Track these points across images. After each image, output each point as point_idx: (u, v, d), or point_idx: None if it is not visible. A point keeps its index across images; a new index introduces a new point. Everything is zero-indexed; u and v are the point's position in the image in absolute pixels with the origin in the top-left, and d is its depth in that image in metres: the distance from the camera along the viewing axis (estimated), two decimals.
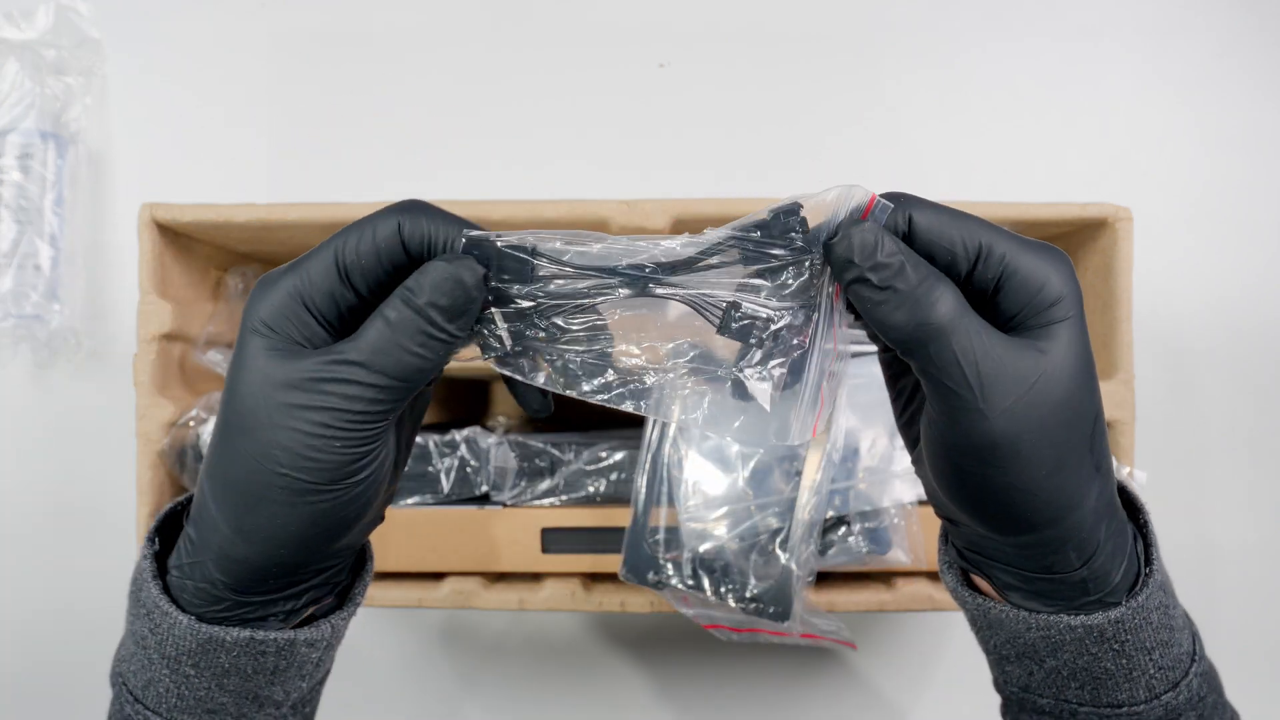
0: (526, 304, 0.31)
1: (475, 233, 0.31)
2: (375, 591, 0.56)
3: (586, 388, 0.32)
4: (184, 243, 0.60)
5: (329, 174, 0.74)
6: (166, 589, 0.32)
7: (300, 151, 0.74)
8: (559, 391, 0.32)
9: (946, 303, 0.29)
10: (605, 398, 0.32)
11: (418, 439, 0.58)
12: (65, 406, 0.73)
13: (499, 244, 0.31)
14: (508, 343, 0.32)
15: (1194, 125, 0.72)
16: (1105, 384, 0.55)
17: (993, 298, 0.30)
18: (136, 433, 0.56)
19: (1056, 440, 0.29)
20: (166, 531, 0.35)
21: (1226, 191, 0.72)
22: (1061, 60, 0.73)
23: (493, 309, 0.31)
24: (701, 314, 0.31)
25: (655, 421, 0.56)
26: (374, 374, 0.29)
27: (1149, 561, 0.34)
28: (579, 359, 0.32)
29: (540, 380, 0.32)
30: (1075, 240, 0.59)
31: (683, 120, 0.73)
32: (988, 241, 0.30)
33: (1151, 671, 0.33)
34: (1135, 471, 0.55)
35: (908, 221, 0.30)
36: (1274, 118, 0.72)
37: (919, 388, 0.33)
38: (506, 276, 0.31)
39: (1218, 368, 0.71)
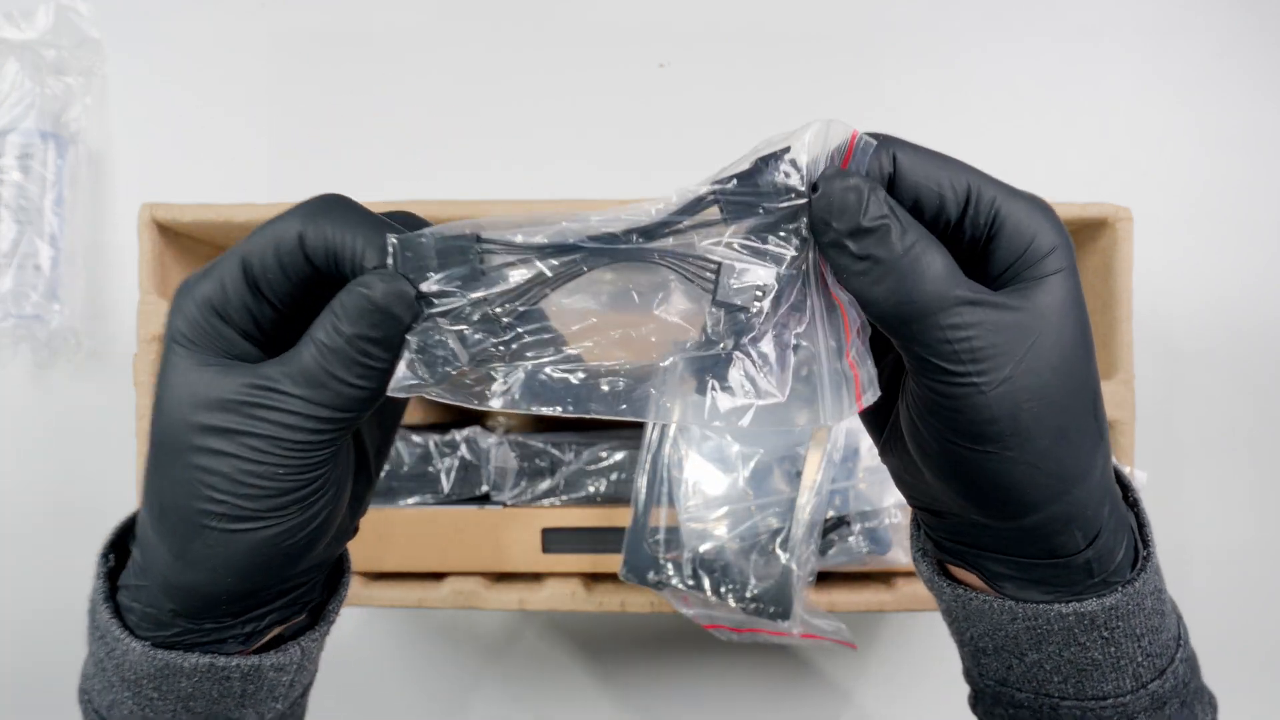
0: (474, 296, 0.26)
1: (401, 236, 0.26)
2: (375, 591, 0.56)
3: (559, 408, 0.27)
4: (184, 243, 0.60)
5: (329, 174, 0.74)
6: (119, 611, 0.30)
7: (300, 151, 0.74)
8: (524, 411, 0.27)
9: (935, 272, 0.26)
10: (593, 408, 0.27)
11: (417, 439, 0.58)
12: (65, 406, 0.73)
13: (431, 239, 0.26)
14: (462, 356, 0.27)
15: (1194, 125, 0.72)
16: (1105, 384, 0.55)
17: (984, 248, 0.28)
18: (136, 433, 0.56)
19: (1059, 405, 0.27)
20: (122, 546, 0.33)
21: (1226, 191, 0.72)
22: (1061, 60, 0.73)
23: (436, 319, 0.27)
24: (690, 280, 0.27)
25: (656, 422, 0.56)
26: (313, 405, 0.26)
27: (1145, 543, 0.32)
28: (547, 371, 0.27)
29: (496, 404, 0.27)
30: (1075, 240, 0.59)
31: (683, 120, 0.73)
32: (976, 185, 0.27)
33: (1139, 660, 0.31)
34: (1135, 471, 0.55)
35: (892, 162, 0.27)
36: (1274, 118, 0.72)
37: (896, 366, 0.31)
38: (451, 275, 0.26)
39: (1218, 367, 0.71)
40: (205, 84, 0.74)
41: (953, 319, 0.26)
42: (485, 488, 0.58)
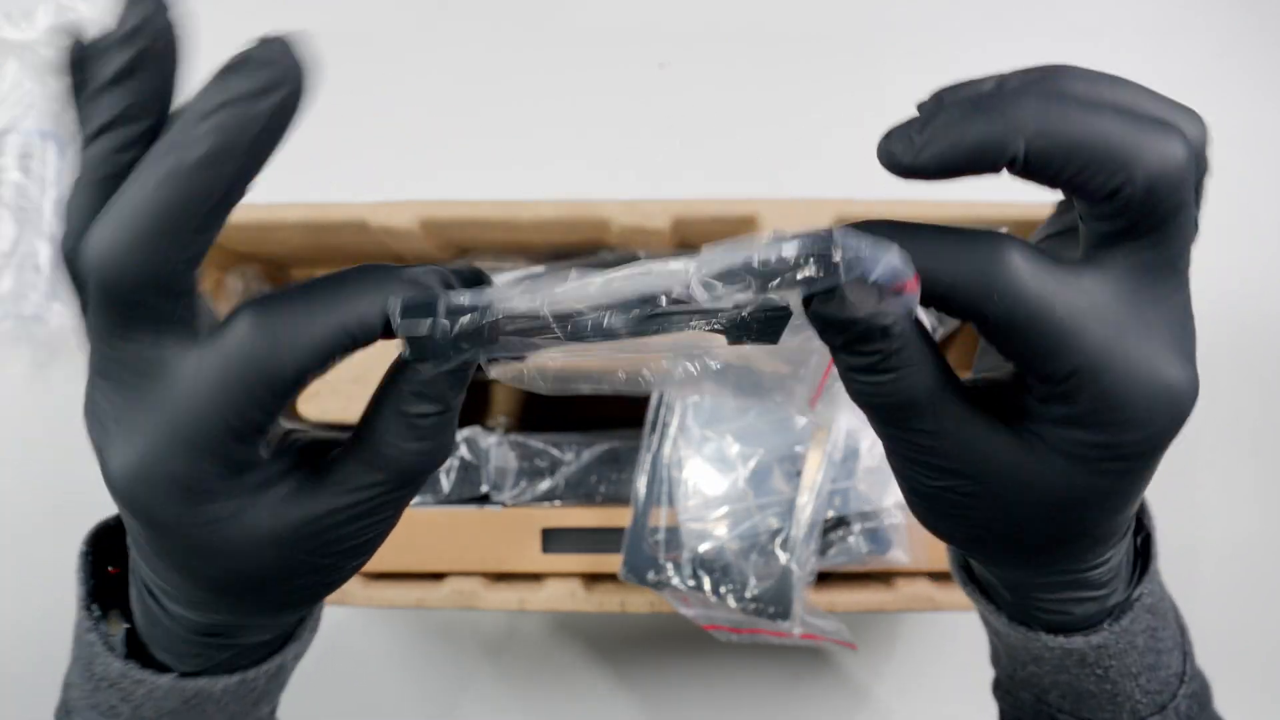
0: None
1: (408, 304, 0.23)
2: (375, 591, 0.56)
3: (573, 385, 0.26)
4: None
5: (329, 174, 0.74)
6: (132, 652, 0.29)
7: (300, 151, 0.73)
8: (542, 390, 0.27)
9: (910, 392, 0.23)
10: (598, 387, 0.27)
11: None
12: (65, 406, 0.72)
13: (445, 322, 0.23)
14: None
15: None
16: None
17: (1040, 403, 0.23)
18: None
19: (1045, 518, 0.25)
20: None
21: (1226, 191, 0.72)
22: (1061, 60, 0.73)
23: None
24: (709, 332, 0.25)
25: (656, 422, 0.56)
26: (396, 487, 0.25)
27: (1140, 581, 0.30)
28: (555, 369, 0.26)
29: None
30: None
31: (683, 120, 0.73)
32: (1089, 366, 0.22)
33: (1137, 696, 0.31)
34: None
35: (989, 300, 0.22)
36: (1274, 118, 0.72)
37: None
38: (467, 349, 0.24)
39: (1218, 367, 0.71)
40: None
41: (912, 436, 0.24)
42: (485, 488, 0.58)
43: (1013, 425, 0.24)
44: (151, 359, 0.23)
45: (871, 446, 0.56)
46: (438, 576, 0.58)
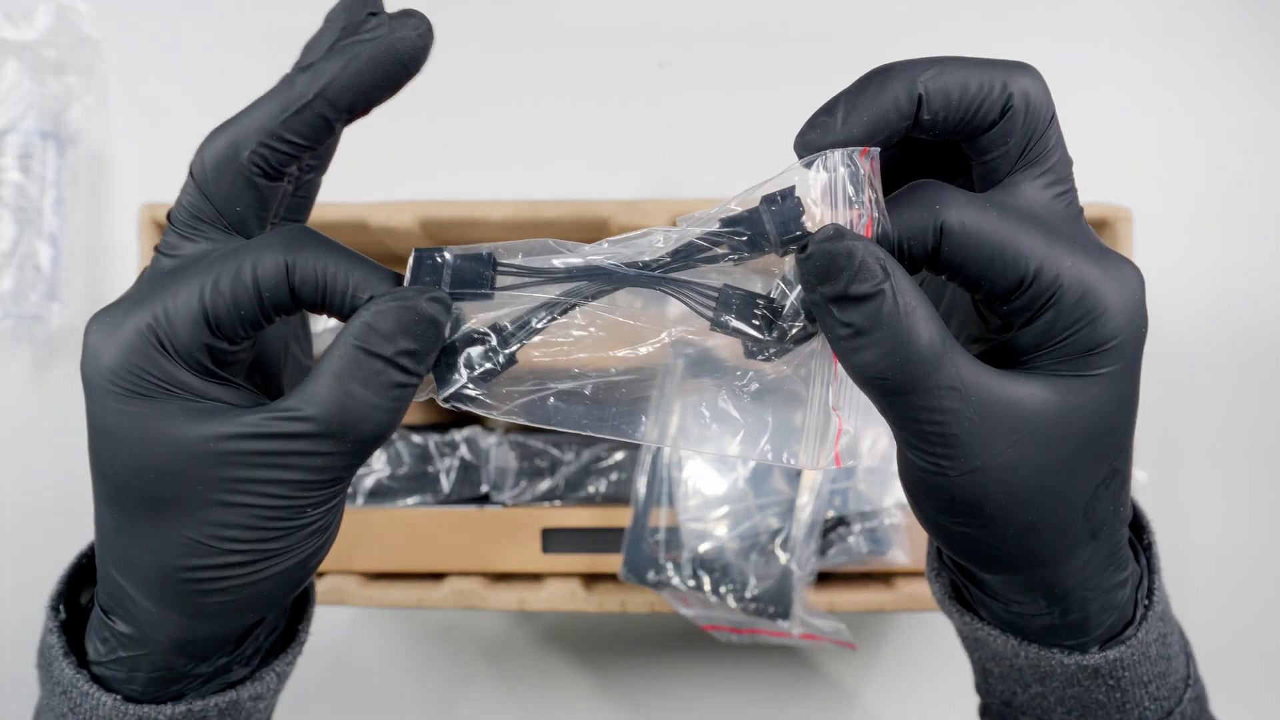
0: (488, 316, 0.26)
1: (422, 250, 0.26)
2: (375, 591, 0.56)
3: (567, 417, 0.27)
4: None
5: (329, 174, 0.74)
6: (82, 663, 0.29)
7: None
8: (534, 423, 0.27)
9: (922, 351, 0.24)
10: (588, 425, 0.27)
11: (416, 439, 0.58)
12: (65, 406, 0.73)
13: (450, 256, 0.26)
14: (477, 368, 0.26)
15: (1194, 125, 0.72)
16: None
17: (1019, 326, 0.26)
18: None
19: (1034, 503, 0.26)
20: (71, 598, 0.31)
21: (1227, 192, 0.72)
22: (1061, 60, 0.73)
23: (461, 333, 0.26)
24: (693, 307, 0.26)
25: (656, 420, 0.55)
26: (345, 443, 0.25)
27: (1149, 591, 0.31)
28: (556, 389, 0.27)
29: (512, 415, 0.27)
30: None
31: (683, 120, 0.73)
32: (1037, 266, 0.24)
33: (1146, 704, 0.31)
34: (1136, 471, 0.55)
35: (937, 233, 0.25)
36: (1274, 118, 0.72)
37: None
38: (461, 292, 0.26)
39: (1218, 367, 0.71)
40: (205, 84, 0.74)
41: (928, 401, 0.24)
42: (485, 488, 0.58)
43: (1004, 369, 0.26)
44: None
45: (871, 446, 0.56)
46: (438, 576, 0.58)
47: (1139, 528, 0.33)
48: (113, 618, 0.28)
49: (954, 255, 0.25)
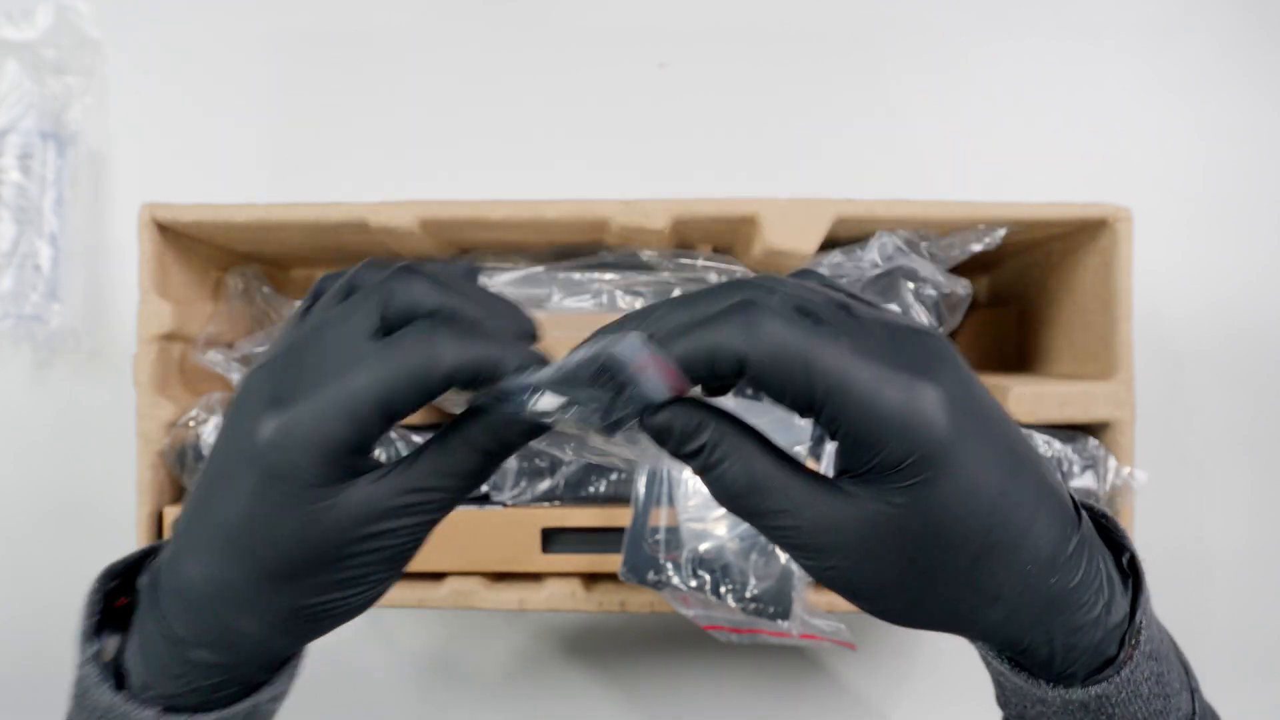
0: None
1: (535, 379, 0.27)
2: None
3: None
4: (184, 243, 0.60)
5: (329, 173, 0.74)
6: (120, 684, 0.30)
7: (300, 151, 0.74)
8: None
9: (748, 482, 0.27)
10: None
11: (416, 439, 0.58)
12: (65, 406, 0.73)
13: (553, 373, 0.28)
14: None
15: (1194, 125, 0.72)
16: (1105, 384, 0.55)
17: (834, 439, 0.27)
18: (137, 433, 0.56)
19: (898, 586, 0.28)
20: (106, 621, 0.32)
21: (1227, 192, 0.72)
22: (1061, 60, 0.73)
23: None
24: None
25: None
26: (462, 493, 0.30)
27: (1134, 618, 0.30)
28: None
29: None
30: (1075, 240, 0.59)
31: (683, 120, 0.73)
32: (824, 390, 0.25)
33: None
34: (1135, 471, 0.55)
35: (737, 369, 0.26)
36: (1274, 117, 0.72)
37: None
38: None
39: (1218, 367, 0.71)
40: (205, 84, 0.74)
41: (770, 521, 0.27)
42: (485, 488, 0.58)
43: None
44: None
45: None
46: (438, 576, 0.58)
47: (1117, 547, 0.32)
48: (195, 650, 0.29)
49: (755, 380, 0.26)
